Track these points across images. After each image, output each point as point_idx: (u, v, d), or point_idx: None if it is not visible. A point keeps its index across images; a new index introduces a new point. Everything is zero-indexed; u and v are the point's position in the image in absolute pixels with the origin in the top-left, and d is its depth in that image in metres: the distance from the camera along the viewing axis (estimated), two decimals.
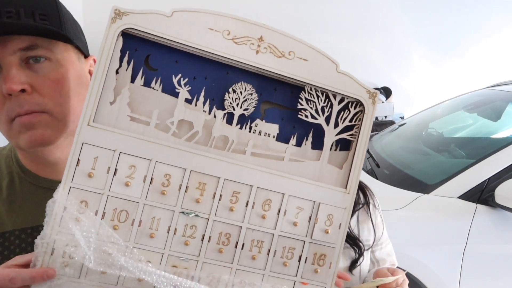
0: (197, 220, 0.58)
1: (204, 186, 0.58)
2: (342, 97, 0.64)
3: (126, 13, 0.56)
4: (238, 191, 0.59)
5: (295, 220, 0.62)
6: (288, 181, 0.61)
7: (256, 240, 0.60)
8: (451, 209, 1.64)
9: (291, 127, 0.64)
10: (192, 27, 0.57)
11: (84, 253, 0.53)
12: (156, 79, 0.59)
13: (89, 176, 0.55)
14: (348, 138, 0.64)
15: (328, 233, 0.62)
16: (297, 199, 0.62)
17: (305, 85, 0.62)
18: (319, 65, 0.62)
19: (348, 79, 0.63)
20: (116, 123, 0.56)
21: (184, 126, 0.59)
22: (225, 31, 0.59)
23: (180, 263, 0.57)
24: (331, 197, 0.63)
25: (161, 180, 0.57)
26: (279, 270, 0.61)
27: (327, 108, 0.63)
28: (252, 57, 0.59)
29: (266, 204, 0.61)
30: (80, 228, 0.53)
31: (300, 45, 0.63)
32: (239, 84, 0.61)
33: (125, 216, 0.56)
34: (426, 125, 2.54)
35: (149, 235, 0.56)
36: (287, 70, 0.61)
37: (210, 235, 0.59)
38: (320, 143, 0.64)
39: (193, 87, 0.60)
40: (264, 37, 0.60)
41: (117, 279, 0.55)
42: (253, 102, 0.62)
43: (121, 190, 0.56)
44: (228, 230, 0.59)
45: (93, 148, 0.55)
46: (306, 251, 0.62)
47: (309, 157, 0.64)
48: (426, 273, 1.56)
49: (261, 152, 0.61)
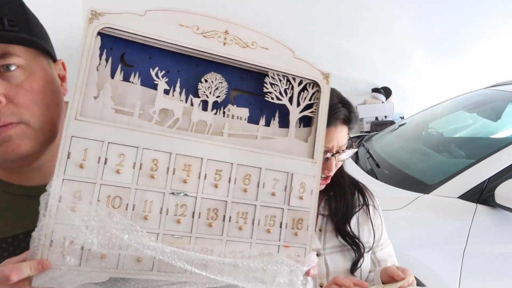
0: (186, 199, 0.63)
1: (189, 167, 0.63)
2: (301, 79, 0.72)
3: (102, 14, 0.60)
4: (221, 169, 0.65)
5: (273, 190, 0.69)
6: (263, 156, 0.68)
7: (241, 212, 0.66)
8: (451, 209, 1.64)
9: (259, 110, 0.72)
10: (165, 24, 0.63)
11: (86, 237, 0.55)
12: (134, 74, 0.64)
13: (81, 167, 0.57)
14: (310, 115, 0.73)
15: (303, 199, 0.70)
16: (272, 171, 0.69)
17: (268, 71, 0.70)
18: (278, 53, 0.71)
19: (305, 64, 0.72)
20: (101, 116, 0.60)
21: (166, 114, 0.65)
22: (194, 26, 0.65)
23: (175, 240, 0.61)
24: (301, 167, 0.70)
25: (150, 165, 0.61)
26: (264, 237, 0.67)
27: (289, 90, 0.72)
28: (220, 48, 0.66)
29: (246, 179, 0.67)
30: (79, 215, 0.55)
31: (261, 36, 0.70)
32: (209, 74, 0.68)
33: (119, 201, 0.59)
34: (426, 125, 2.54)
35: (143, 217, 0.60)
36: (252, 58, 0.68)
37: (199, 212, 0.63)
38: (286, 122, 0.72)
39: (168, 80, 0.65)
40: (229, 30, 0.67)
41: (117, 262, 0.57)
42: (224, 89, 0.69)
43: (113, 178, 0.59)
44: (215, 206, 0.65)
45: (82, 140, 0.58)
46: (285, 218, 0.69)
47: (278, 134, 0.72)
48: (426, 273, 1.56)
49: (237, 133, 0.69)
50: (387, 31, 4.29)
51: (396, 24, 4.30)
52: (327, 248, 0.99)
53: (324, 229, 1.01)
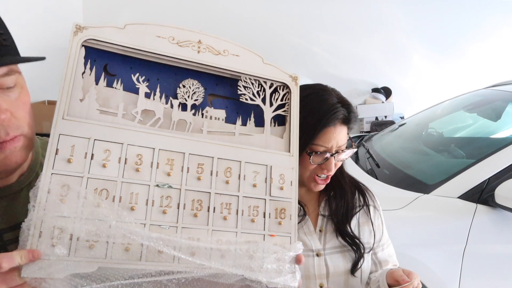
0: (171, 191, 0.66)
1: (172, 162, 0.67)
2: (271, 82, 0.79)
3: (85, 28, 0.65)
4: (202, 162, 0.69)
5: (254, 182, 0.73)
6: (242, 151, 0.73)
7: (224, 203, 0.70)
8: (451, 209, 1.64)
9: (235, 112, 0.78)
10: (143, 36, 0.69)
11: (74, 226, 0.57)
12: (117, 81, 0.69)
13: (69, 161, 0.61)
14: (282, 114, 0.80)
15: (283, 189, 0.74)
16: (252, 164, 0.73)
17: (240, 75, 0.77)
18: (249, 59, 0.77)
19: (274, 68, 0.79)
20: (87, 116, 0.64)
21: (147, 114, 0.70)
22: (170, 37, 0.71)
23: (161, 230, 0.64)
24: (279, 160, 0.76)
25: (134, 160, 0.65)
26: (249, 226, 0.70)
27: (261, 92, 0.79)
28: (195, 56, 0.72)
29: (227, 172, 0.71)
30: (67, 206, 0.58)
31: (232, 44, 0.76)
32: (187, 80, 0.74)
33: (106, 194, 0.62)
34: (426, 125, 2.54)
35: (130, 208, 0.63)
36: (224, 64, 0.74)
37: (184, 203, 0.67)
38: (261, 121, 0.79)
39: (148, 87, 0.71)
40: (202, 40, 0.73)
41: (105, 252, 0.59)
42: (201, 94, 0.75)
43: (99, 172, 0.62)
44: (199, 197, 0.68)
45: (69, 138, 0.62)
46: (268, 208, 0.73)
47: (255, 132, 0.78)
48: (426, 273, 1.56)
49: (216, 130, 0.74)
50: (387, 31, 4.29)
51: (396, 24, 4.30)
52: (327, 249, 0.98)
53: (325, 229, 1.01)
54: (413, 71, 4.50)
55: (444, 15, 4.38)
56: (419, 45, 4.42)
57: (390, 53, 4.37)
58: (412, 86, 4.50)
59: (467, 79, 4.32)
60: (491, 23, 4.46)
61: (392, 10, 4.26)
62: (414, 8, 4.30)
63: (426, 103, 3.24)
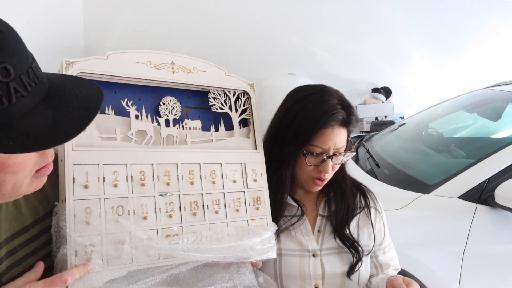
0: (172, 197, 0.78)
1: (169, 173, 0.78)
2: (234, 91, 0.93)
3: (74, 62, 0.73)
4: (192, 169, 0.81)
5: (234, 178, 0.86)
6: (221, 154, 0.86)
7: (214, 200, 0.82)
8: (451, 209, 1.64)
9: (207, 120, 0.90)
10: (125, 64, 0.79)
11: (102, 240, 0.67)
12: (108, 107, 0.78)
13: (86, 187, 0.69)
14: (246, 117, 0.94)
15: (256, 181, 0.89)
16: (230, 164, 0.87)
17: (209, 88, 0.90)
18: (214, 73, 0.90)
19: (234, 79, 0.93)
20: (91, 144, 0.73)
21: (140, 134, 0.81)
22: (148, 61, 0.82)
23: (171, 232, 0.75)
24: (250, 157, 0.90)
25: (139, 176, 0.75)
26: (235, 215, 0.84)
27: (227, 101, 0.92)
28: (171, 76, 0.84)
29: (212, 174, 0.84)
30: (92, 225, 0.67)
31: (199, 62, 0.89)
32: (165, 98, 0.85)
33: (122, 210, 0.72)
34: (426, 125, 2.54)
35: (143, 218, 0.73)
36: (195, 80, 0.87)
37: (184, 206, 0.78)
38: (230, 125, 0.92)
39: (135, 109, 0.82)
40: (174, 61, 0.85)
41: (131, 258, 0.69)
42: (178, 108, 0.86)
43: (113, 191, 0.72)
44: (195, 199, 0.80)
45: (82, 166, 0.70)
46: (247, 198, 0.87)
47: (226, 136, 0.91)
48: (426, 273, 1.56)
49: (197, 140, 0.87)
50: (387, 31, 4.29)
51: (396, 24, 4.30)
52: (324, 249, 0.98)
53: (323, 230, 1.00)
54: (413, 71, 4.49)
55: (444, 15, 4.38)
56: (419, 45, 4.42)
57: (390, 53, 4.37)
58: (412, 86, 4.49)
59: (467, 79, 4.32)
60: (491, 23, 4.46)
61: (392, 10, 4.26)
62: (414, 8, 4.30)
63: (426, 103, 3.24)
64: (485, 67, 4.43)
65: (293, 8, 4.04)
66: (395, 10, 4.26)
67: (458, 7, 4.37)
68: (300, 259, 0.96)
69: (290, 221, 0.98)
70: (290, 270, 0.96)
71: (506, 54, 4.52)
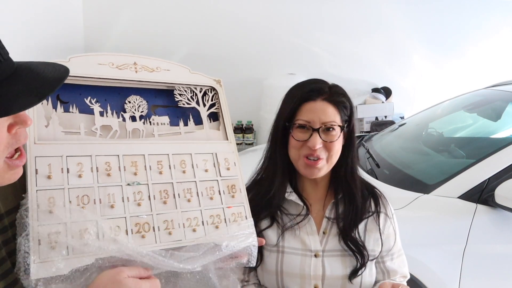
0: (140, 187, 0.77)
1: (136, 163, 0.79)
2: (200, 87, 0.94)
3: None
4: (160, 160, 0.81)
5: (205, 168, 0.86)
6: (190, 145, 0.87)
7: (186, 189, 0.82)
8: (451, 209, 1.64)
9: (176, 117, 0.91)
10: (87, 66, 0.80)
11: (66, 228, 0.67)
12: (72, 106, 0.80)
13: (49, 178, 0.70)
14: (215, 111, 0.95)
15: (230, 170, 0.88)
16: (200, 154, 0.86)
17: (174, 85, 0.91)
18: (178, 72, 0.91)
19: (200, 76, 0.94)
20: (55, 138, 0.74)
21: (105, 129, 0.81)
22: (110, 63, 0.83)
23: (140, 220, 0.75)
24: (221, 147, 0.90)
25: (104, 167, 0.75)
26: (209, 203, 0.83)
27: (194, 96, 0.93)
28: (134, 75, 0.85)
29: (182, 163, 0.83)
30: (56, 214, 0.67)
31: (162, 62, 0.90)
32: (130, 97, 0.86)
33: (87, 199, 0.72)
34: (426, 125, 2.54)
35: (110, 206, 0.73)
36: (159, 78, 0.88)
37: (153, 195, 0.78)
38: (199, 120, 0.93)
39: (100, 107, 0.82)
40: (137, 62, 0.86)
41: (98, 244, 0.68)
42: (145, 106, 0.87)
43: (77, 181, 0.72)
44: (164, 188, 0.80)
45: (44, 158, 0.71)
46: (221, 186, 0.86)
47: (196, 129, 0.91)
48: (426, 273, 1.56)
49: (165, 133, 0.87)
50: (387, 31, 4.29)
51: (396, 24, 4.30)
52: (327, 251, 0.97)
53: (328, 232, 0.99)
54: (413, 71, 4.49)
55: (444, 15, 4.38)
56: (419, 45, 4.42)
57: (390, 53, 4.36)
58: (412, 86, 4.49)
59: (467, 79, 4.32)
60: (491, 23, 4.46)
61: (392, 10, 4.26)
62: (414, 8, 4.30)
63: (426, 103, 3.24)
64: (485, 67, 4.43)
65: (293, 8, 4.04)
66: (395, 10, 4.26)
67: (458, 7, 4.37)
68: (302, 258, 0.96)
69: (295, 220, 0.99)
70: (291, 268, 0.96)
71: (506, 54, 4.52)
